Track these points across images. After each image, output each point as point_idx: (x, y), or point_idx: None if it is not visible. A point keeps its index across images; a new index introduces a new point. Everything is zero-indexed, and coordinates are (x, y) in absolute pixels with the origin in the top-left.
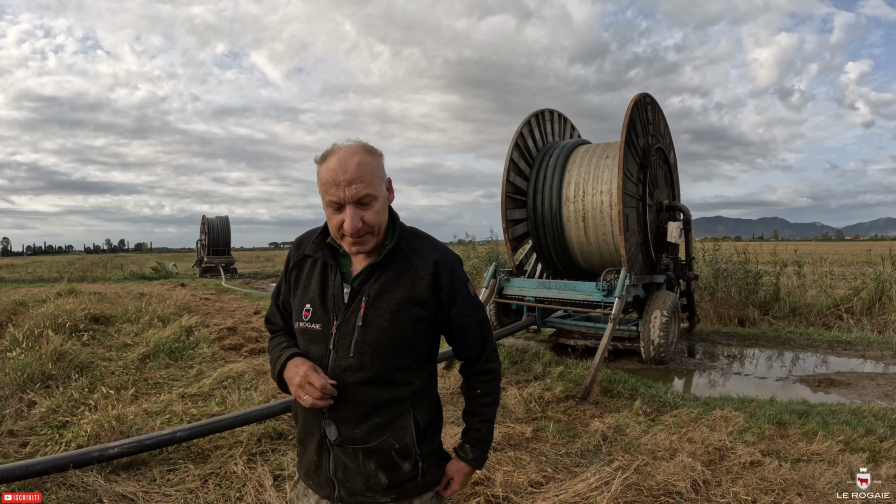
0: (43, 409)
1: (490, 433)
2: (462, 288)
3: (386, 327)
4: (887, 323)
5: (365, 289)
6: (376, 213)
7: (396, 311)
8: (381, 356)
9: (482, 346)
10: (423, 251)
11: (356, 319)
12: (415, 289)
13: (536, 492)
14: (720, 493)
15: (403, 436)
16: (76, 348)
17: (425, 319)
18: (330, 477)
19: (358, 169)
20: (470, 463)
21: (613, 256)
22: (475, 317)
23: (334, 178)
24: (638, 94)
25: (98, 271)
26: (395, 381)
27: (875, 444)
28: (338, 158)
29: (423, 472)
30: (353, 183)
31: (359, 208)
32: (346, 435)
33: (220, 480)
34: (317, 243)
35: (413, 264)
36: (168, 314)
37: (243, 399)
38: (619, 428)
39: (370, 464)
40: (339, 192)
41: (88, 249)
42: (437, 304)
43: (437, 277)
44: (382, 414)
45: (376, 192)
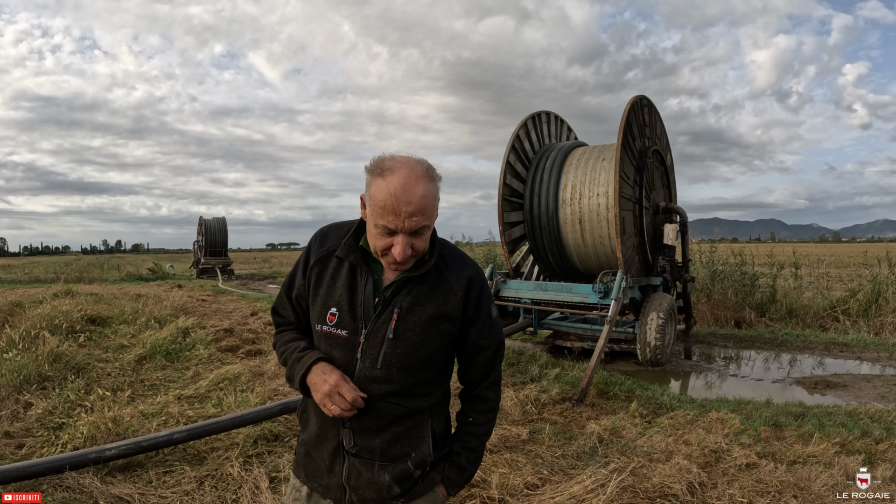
0: (39, 410)
1: (471, 463)
2: (486, 308)
3: (416, 342)
4: (884, 325)
5: (397, 300)
6: (426, 241)
7: (427, 325)
8: (409, 370)
9: (488, 370)
10: (457, 267)
11: (386, 331)
12: (447, 305)
13: (532, 494)
14: (716, 495)
15: (421, 445)
16: (72, 350)
17: (452, 335)
18: (341, 482)
19: (422, 201)
20: (443, 482)
21: (610, 259)
22: (492, 339)
23: (395, 206)
24: (634, 96)
25: (95, 272)
26: (418, 394)
27: (871, 445)
28: (402, 184)
29: (427, 474)
30: (415, 215)
31: (412, 237)
32: (365, 444)
33: (217, 482)
34: (349, 245)
35: (447, 280)
36: (165, 315)
37: (239, 401)
38: (616, 430)
39: (385, 475)
40: (398, 222)
41: (85, 250)
42: (463, 321)
43: (468, 295)
44: (402, 424)
45: (431, 223)
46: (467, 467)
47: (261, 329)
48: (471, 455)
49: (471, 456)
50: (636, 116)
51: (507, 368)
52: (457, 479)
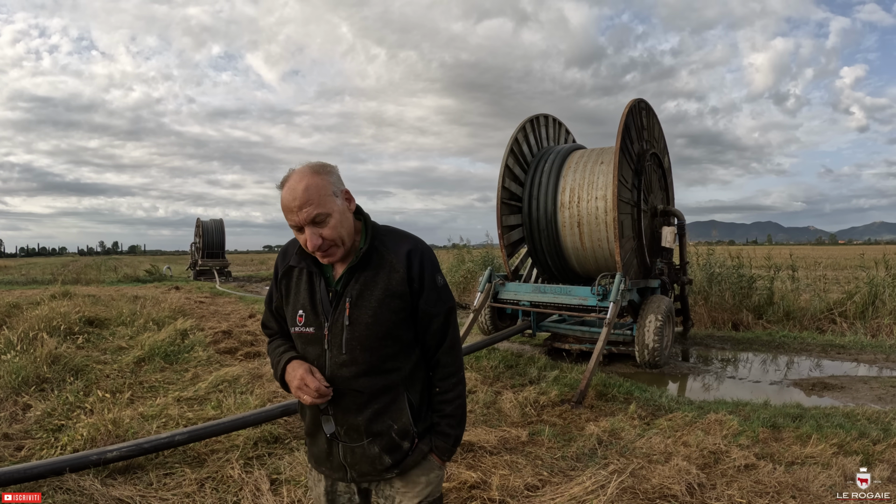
0: (38, 412)
1: (452, 427)
2: (430, 277)
3: (370, 323)
4: (880, 327)
5: (347, 290)
6: (333, 228)
7: (378, 306)
8: (370, 349)
9: (442, 336)
10: (395, 245)
11: (343, 319)
12: (391, 282)
13: (533, 495)
14: (715, 496)
15: (401, 417)
16: (71, 351)
17: (405, 310)
18: (341, 462)
19: (305, 193)
20: (434, 451)
21: (609, 261)
22: (441, 307)
23: (288, 205)
24: (632, 100)
25: (92, 273)
26: (387, 369)
27: (868, 446)
28: (288, 186)
29: (416, 446)
30: (304, 207)
31: (315, 227)
32: (349, 424)
33: (217, 485)
34: (300, 254)
35: (387, 260)
36: (163, 317)
37: (239, 403)
38: (615, 432)
39: (374, 448)
40: (294, 217)
41: (82, 251)
42: (411, 294)
43: (409, 268)
44: (379, 400)
45: (328, 210)
46: (450, 432)
47: (259, 331)
48: (450, 420)
49: (450, 421)
50: (634, 120)
51: (507, 371)
52: (444, 445)
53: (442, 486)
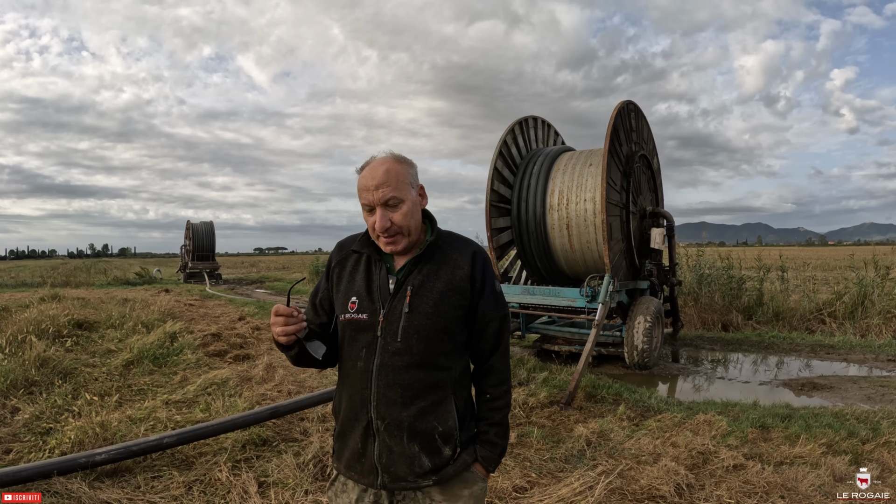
0: (26, 415)
1: (500, 437)
2: (491, 282)
3: (430, 313)
4: (869, 327)
5: (409, 279)
6: (404, 215)
7: (439, 298)
8: (427, 340)
9: (497, 341)
10: (460, 245)
11: (402, 307)
12: (455, 278)
13: (521, 497)
14: (704, 496)
15: (447, 419)
16: (59, 354)
17: (464, 307)
18: (374, 463)
19: (385, 175)
20: (479, 462)
21: (598, 263)
22: (498, 311)
23: (365, 184)
24: (621, 102)
25: (81, 276)
26: (439, 366)
27: (857, 446)
28: (370, 167)
29: (458, 456)
30: (381, 187)
31: (387, 210)
32: (393, 418)
33: (205, 487)
34: (363, 241)
35: (451, 257)
36: (152, 320)
37: (227, 406)
38: (603, 433)
39: (414, 446)
40: (369, 196)
41: (72, 254)
42: (472, 294)
43: (473, 268)
44: (427, 398)
45: (403, 196)
46: (497, 442)
47: (248, 334)
48: (498, 430)
49: (498, 430)
50: (623, 122)
51: None
52: (490, 456)
53: (485, 501)
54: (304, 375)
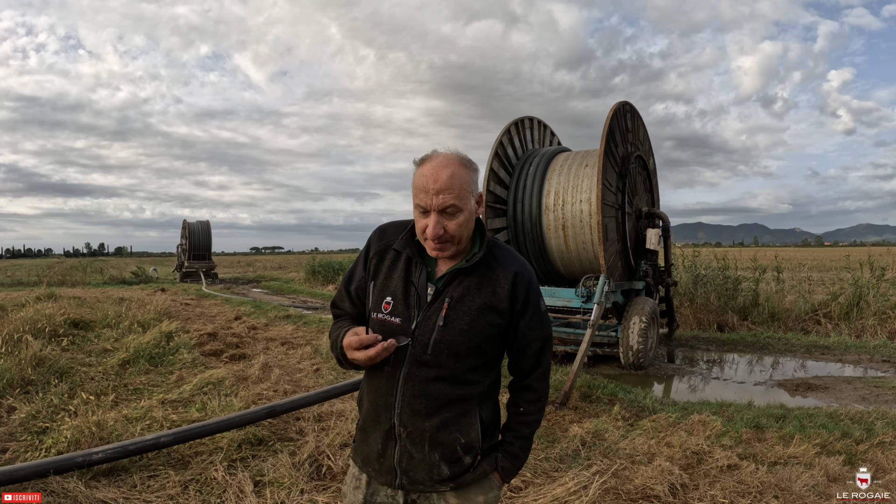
0: (22, 414)
1: (523, 450)
2: (535, 301)
3: (465, 329)
4: (865, 328)
5: (448, 290)
6: (459, 225)
7: (476, 315)
8: (457, 356)
9: (537, 361)
10: (505, 262)
11: (437, 319)
12: (495, 296)
13: (515, 496)
14: (698, 496)
15: (469, 431)
16: (56, 353)
17: (500, 326)
18: (393, 465)
19: (449, 180)
20: (497, 471)
21: (594, 264)
22: (540, 332)
23: (425, 184)
24: (617, 102)
25: (78, 275)
26: (467, 381)
27: (851, 446)
28: (432, 166)
29: (478, 464)
30: (442, 193)
31: (443, 217)
32: (416, 427)
33: (201, 487)
34: (406, 239)
35: (495, 273)
36: (148, 319)
37: (223, 405)
38: (598, 433)
39: (434, 455)
40: (427, 199)
41: (68, 253)
42: (512, 313)
43: (515, 288)
44: (451, 410)
45: (463, 205)
46: (520, 455)
47: (244, 333)
48: (523, 443)
49: (523, 444)
50: (619, 123)
51: None
52: (510, 467)
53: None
54: (299, 375)
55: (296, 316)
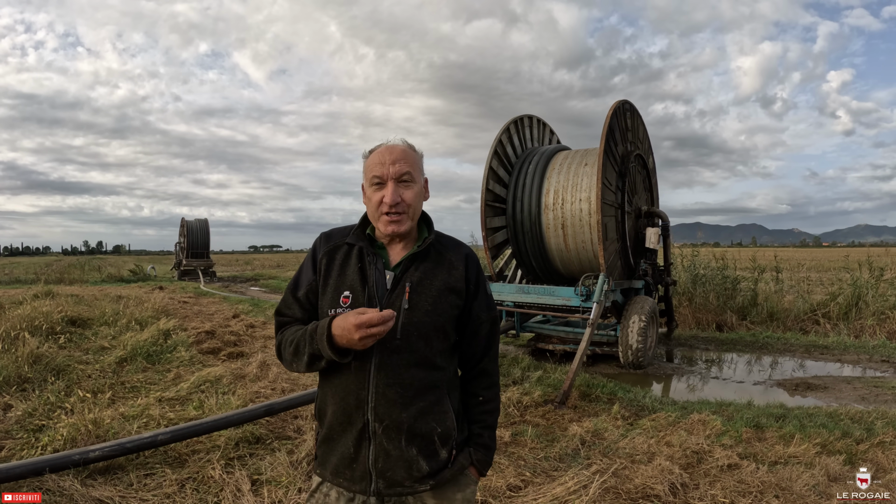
0: (19, 412)
1: (492, 440)
2: (484, 283)
3: (430, 310)
4: (864, 328)
5: (407, 276)
6: (415, 195)
7: (438, 296)
8: (426, 338)
9: (489, 343)
10: (453, 246)
11: (402, 303)
12: (451, 278)
13: (515, 496)
14: (698, 495)
15: (445, 420)
16: (53, 351)
17: (459, 307)
18: (368, 468)
19: (402, 153)
20: (474, 465)
21: (593, 263)
22: (490, 314)
23: (381, 159)
24: (617, 101)
25: (75, 273)
26: (436, 365)
27: (852, 446)
28: (385, 147)
29: (455, 460)
30: (397, 162)
31: (399, 185)
32: (393, 419)
33: (198, 485)
34: (357, 234)
35: (446, 257)
36: (146, 317)
37: (221, 403)
38: (598, 432)
39: (412, 449)
40: (384, 169)
41: (66, 251)
42: (467, 295)
43: (468, 269)
44: (426, 398)
45: (416, 177)
46: (490, 445)
47: (242, 331)
48: (491, 433)
49: (491, 434)
50: (618, 121)
51: None
52: (485, 458)
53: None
54: (297, 374)
55: None
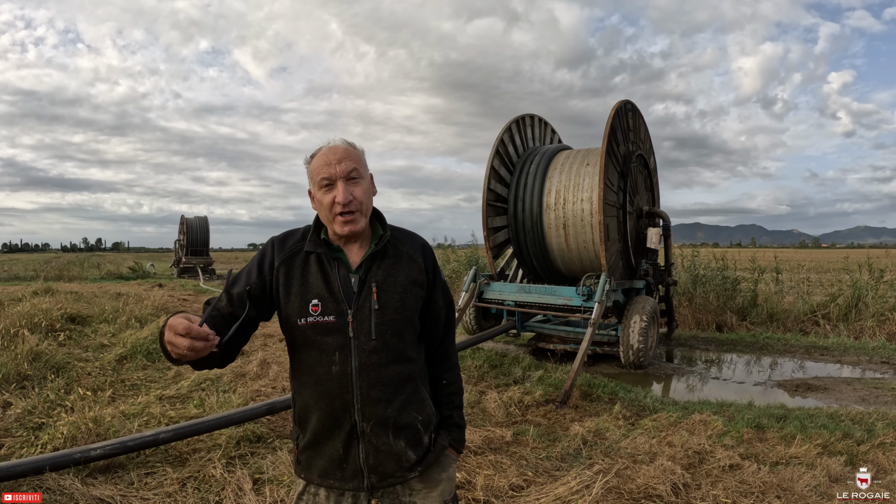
0: (18, 410)
1: (462, 419)
2: (439, 271)
3: (398, 307)
4: (863, 329)
5: (370, 276)
6: (364, 192)
7: (404, 292)
8: (399, 334)
9: (448, 326)
10: (406, 239)
11: (371, 304)
12: (412, 271)
13: (517, 495)
14: (700, 496)
15: (424, 407)
16: (52, 348)
17: (422, 299)
18: (359, 466)
19: (345, 152)
20: (451, 445)
21: (594, 263)
22: (446, 299)
23: (326, 160)
24: (619, 101)
25: (75, 270)
26: (409, 358)
27: (853, 447)
28: (327, 148)
29: (435, 442)
30: (343, 161)
31: (349, 184)
32: (379, 417)
33: (199, 484)
34: (314, 240)
35: (403, 251)
36: (145, 315)
37: (222, 401)
38: (599, 432)
39: (400, 442)
40: (331, 170)
41: (65, 248)
42: (428, 285)
43: (426, 260)
44: (405, 391)
45: (363, 173)
46: (462, 423)
47: None
48: (459, 412)
49: (460, 413)
50: (620, 122)
51: (491, 370)
52: (460, 437)
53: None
54: None
55: None
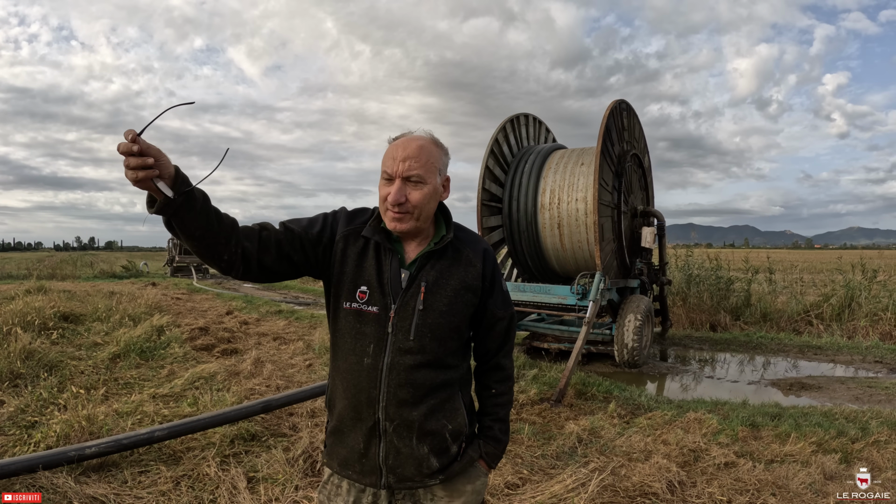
0: (11, 408)
1: (503, 433)
2: (500, 280)
3: (445, 311)
4: (856, 329)
5: (422, 274)
6: (423, 196)
7: (454, 296)
8: (440, 339)
9: (504, 340)
10: (471, 241)
11: (416, 303)
12: (468, 276)
13: (513, 493)
14: (695, 493)
15: (456, 416)
16: (45, 347)
17: (474, 305)
18: (378, 464)
19: (417, 150)
20: (483, 457)
21: (589, 262)
22: (507, 311)
23: (393, 153)
24: (613, 101)
25: (68, 269)
26: (448, 364)
27: (847, 445)
28: (405, 138)
29: (464, 452)
30: (408, 160)
31: (406, 185)
32: (403, 418)
33: (193, 482)
34: (374, 226)
35: (464, 254)
36: (139, 313)
37: (216, 400)
38: (594, 430)
39: (423, 448)
40: (394, 166)
41: (58, 247)
42: (482, 292)
43: (485, 267)
44: (437, 396)
45: (427, 178)
46: (501, 438)
47: (236, 328)
48: (502, 426)
49: (502, 426)
50: (615, 121)
51: None
52: (494, 451)
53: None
54: (292, 370)
55: (287, 311)
